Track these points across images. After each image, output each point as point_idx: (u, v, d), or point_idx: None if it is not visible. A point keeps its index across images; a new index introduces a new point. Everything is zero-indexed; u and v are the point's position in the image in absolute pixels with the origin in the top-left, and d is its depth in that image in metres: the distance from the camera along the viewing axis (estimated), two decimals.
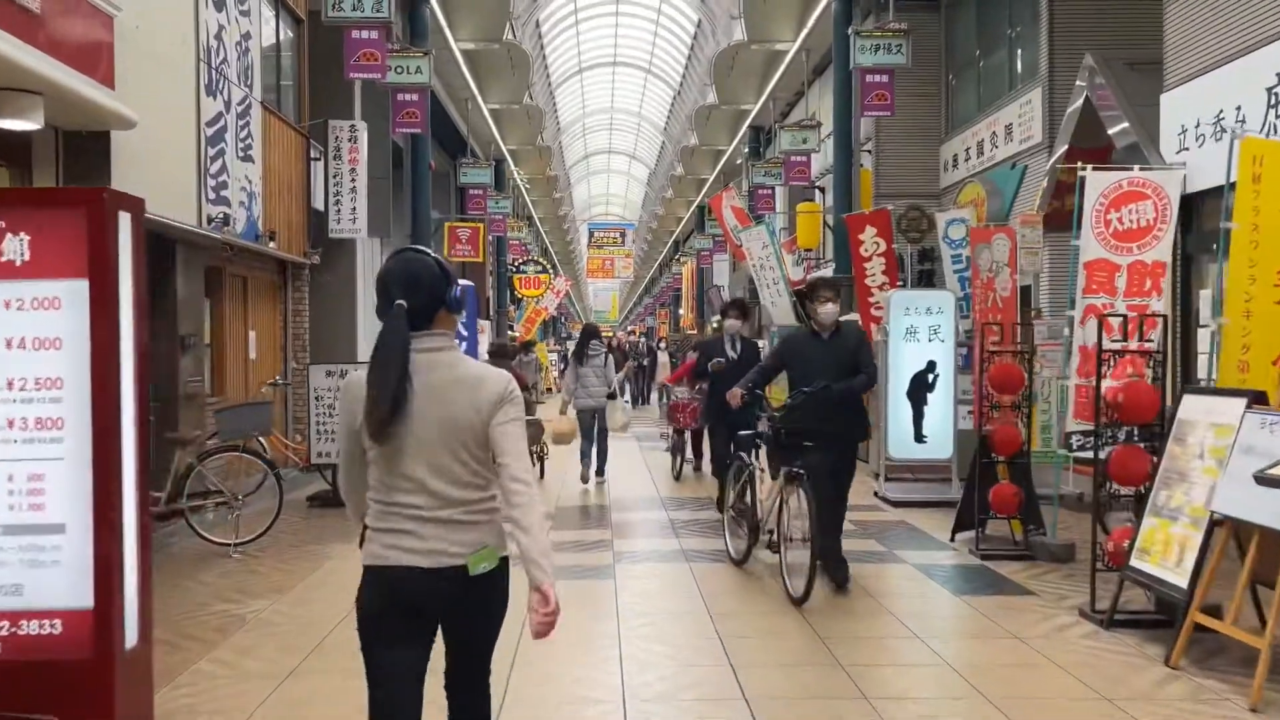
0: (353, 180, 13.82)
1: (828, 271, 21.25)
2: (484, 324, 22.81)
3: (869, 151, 18.57)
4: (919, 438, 10.32)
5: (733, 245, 23.67)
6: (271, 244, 11.84)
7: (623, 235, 49.67)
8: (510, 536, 2.84)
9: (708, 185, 36.91)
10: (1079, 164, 7.92)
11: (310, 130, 13.74)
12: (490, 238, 32.79)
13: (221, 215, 10.32)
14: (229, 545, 7.86)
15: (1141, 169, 7.73)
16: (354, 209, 13.82)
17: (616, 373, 12.57)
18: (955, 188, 16.64)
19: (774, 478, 6.92)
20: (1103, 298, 7.36)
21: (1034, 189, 13.76)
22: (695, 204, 41.58)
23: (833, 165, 21.69)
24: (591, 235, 49.86)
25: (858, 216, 13.92)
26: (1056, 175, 12.68)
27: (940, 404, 10.29)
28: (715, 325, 40.92)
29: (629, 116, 44.95)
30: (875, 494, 10.69)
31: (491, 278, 33.68)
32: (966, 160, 16.61)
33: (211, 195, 10.26)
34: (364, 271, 18.19)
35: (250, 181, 11.45)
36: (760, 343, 20.83)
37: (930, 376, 10.29)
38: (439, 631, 2.91)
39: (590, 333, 12.52)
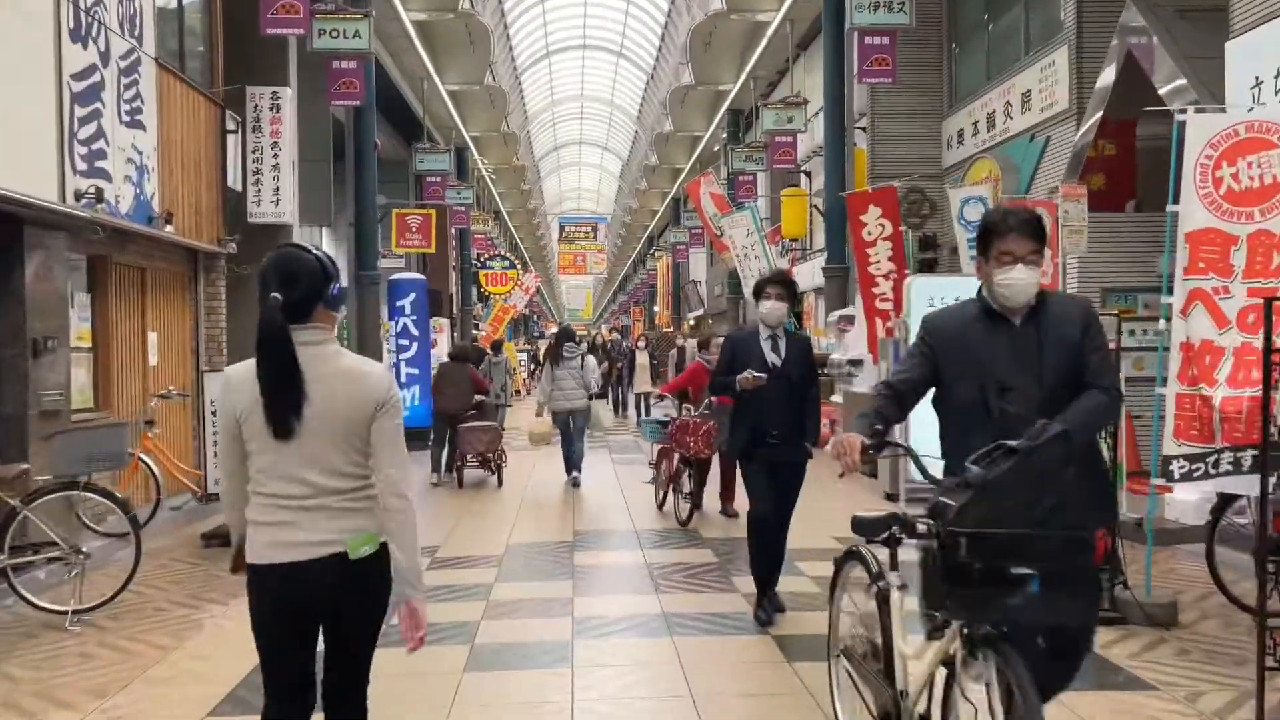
0: (275, 156, 11.91)
1: (818, 265, 19.49)
2: (441, 322, 20.89)
3: (863, 129, 16.82)
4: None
5: (712, 235, 21.88)
6: (168, 227, 9.92)
7: (595, 230, 47.80)
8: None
9: (684, 174, 35.11)
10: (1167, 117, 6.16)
11: (226, 99, 11.81)
12: (453, 230, 30.95)
13: (94, 190, 8.39)
14: (66, 613, 5.97)
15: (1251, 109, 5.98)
16: (277, 189, 11.91)
17: (598, 371, 12.54)
18: (962, 166, 14.92)
19: (932, 629, 3.16)
20: (1213, 279, 5.59)
21: (1059, 164, 12.04)
22: (670, 195, 39.80)
23: (822, 145, 19.96)
24: (562, 230, 47.95)
25: (859, 195, 12.15)
26: (1085, 148, 10.98)
27: None
28: (692, 323, 39.28)
29: (600, 105, 43.10)
30: None
31: (455, 273, 31.77)
32: (975, 135, 14.87)
33: (81, 165, 8.34)
34: None
35: (141, 153, 9.53)
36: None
37: None
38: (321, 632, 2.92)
39: (566, 334, 12.23)
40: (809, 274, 19.86)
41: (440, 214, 27.94)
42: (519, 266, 38.04)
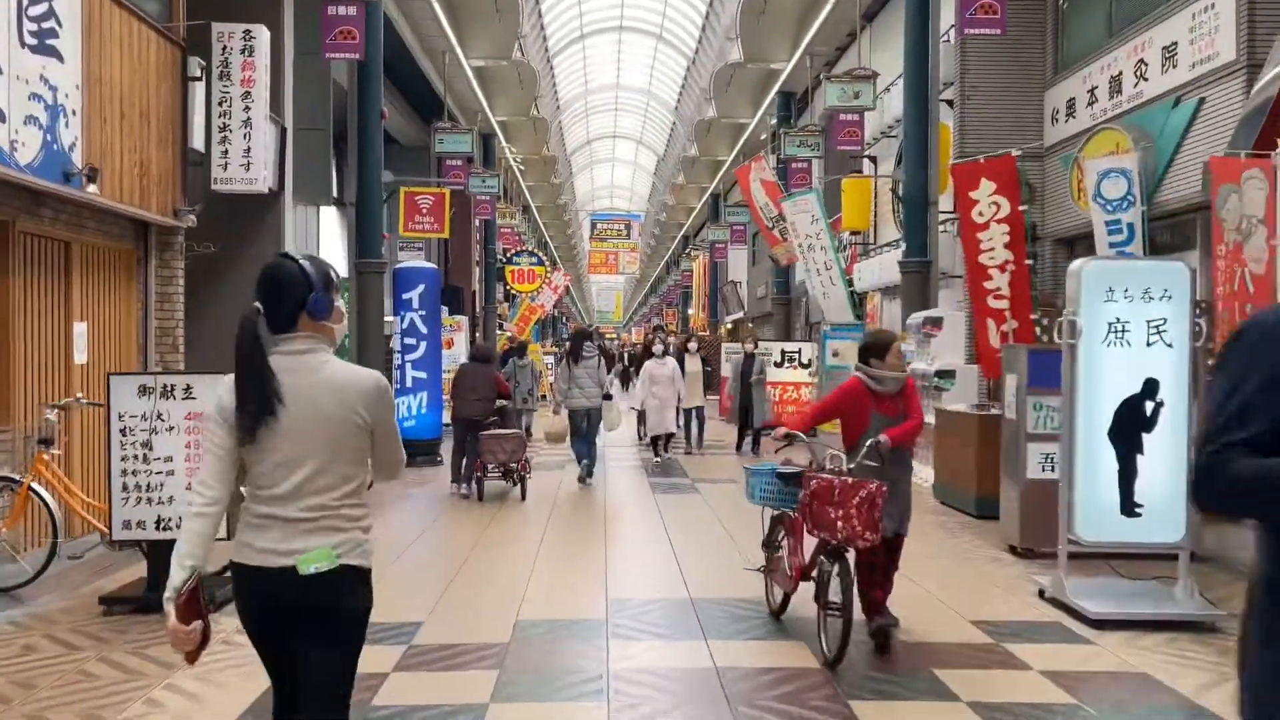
0: (247, 110, 9.71)
1: (885, 261, 17.06)
2: (458, 320, 18.67)
3: (948, 102, 14.41)
4: (1129, 507, 6.14)
5: (763, 227, 19.56)
6: (91, 187, 7.69)
7: (628, 227, 45.53)
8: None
9: (725, 167, 32.77)
10: None
11: (190, 38, 9.60)
12: (477, 222, 28.75)
13: None
14: None
15: None
16: (248, 151, 9.70)
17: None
18: (1073, 142, 12.47)
19: None
20: None
21: (1216, 129, 9.61)
22: (709, 191, 37.46)
23: (891, 125, 17.55)
24: (594, 227, 45.71)
25: (969, 167, 9.78)
26: (1269, 103, 8.53)
27: (1166, 451, 6.11)
28: (729, 327, 36.87)
29: (636, 94, 40.79)
30: (1044, 594, 6.54)
31: (479, 269, 29.58)
32: (1091, 104, 12.42)
33: None
34: (294, 248, 14.06)
35: (54, 89, 7.32)
36: (807, 347, 16.60)
37: (1149, 405, 6.12)
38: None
39: (584, 334, 12.60)
40: (873, 271, 17.43)
41: (456, 195, 25.90)
42: (547, 264, 35.85)
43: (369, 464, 2.88)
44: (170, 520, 6.24)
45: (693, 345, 15.13)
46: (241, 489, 2.82)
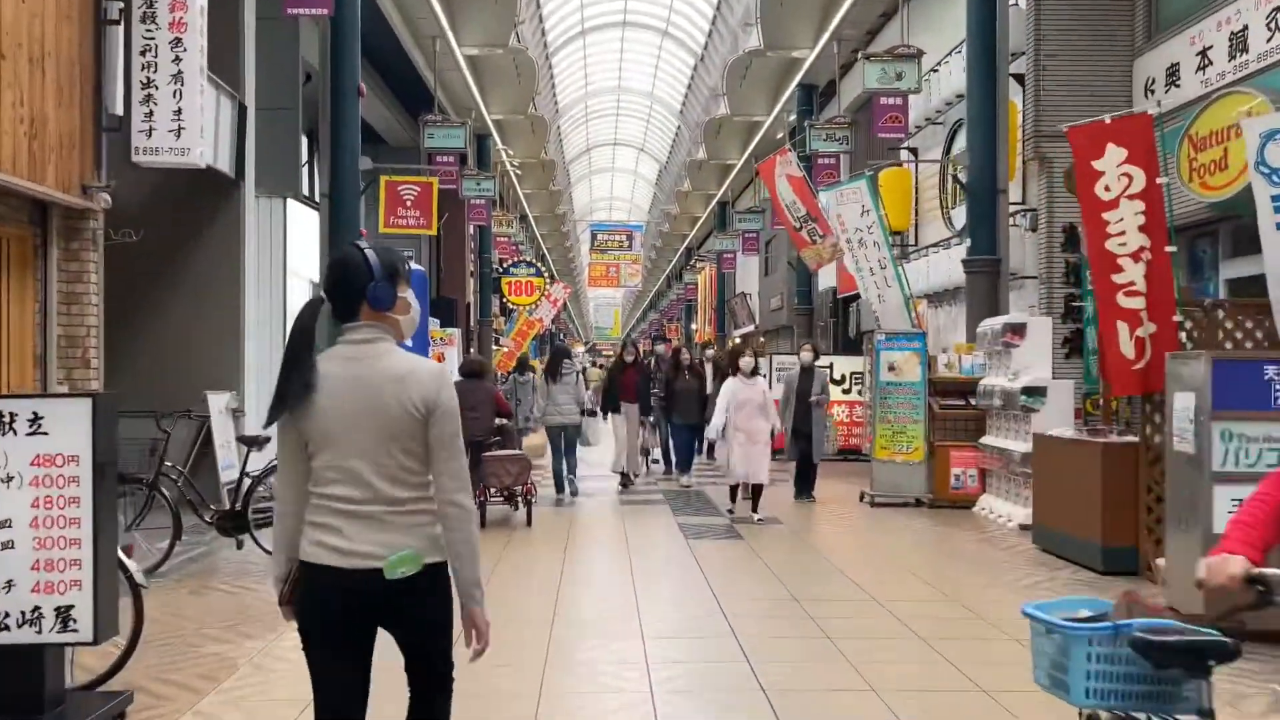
0: (177, 62, 7.68)
1: (933, 264, 15.06)
2: (450, 334, 16.61)
3: (1016, 77, 12.45)
4: None
5: (789, 228, 17.53)
6: None
7: (630, 238, 43.55)
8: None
9: (735, 171, 30.85)
10: None
11: None
12: (471, 229, 26.76)
13: None
14: None
15: None
16: (178, 114, 7.67)
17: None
18: (1179, 114, 10.48)
19: None
20: None
21: None
22: (716, 199, 35.51)
23: (937, 111, 15.58)
24: (594, 238, 43.74)
25: (1092, 129, 7.72)
26: None
27: None
28: (738, 340, 34.75)
29: (639, 98, 38.91)
30: None
31: (473, 279, 27.59)
32: (1202, 69, 10.44)
33: None
34: (257, 248, 12.06)
35: None
36: (842, 360, 14.48)
37: None
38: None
39: (562, 353, 12.84)
40: (918, 276, 15.38)
41: (448, 199, 23.91)
42: (546, 275, 33.84)
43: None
44: (10, 618, 4.18)
45: (708, 353, 13.21)
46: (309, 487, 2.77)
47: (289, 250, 12.37)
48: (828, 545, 9.08)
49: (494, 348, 28.72)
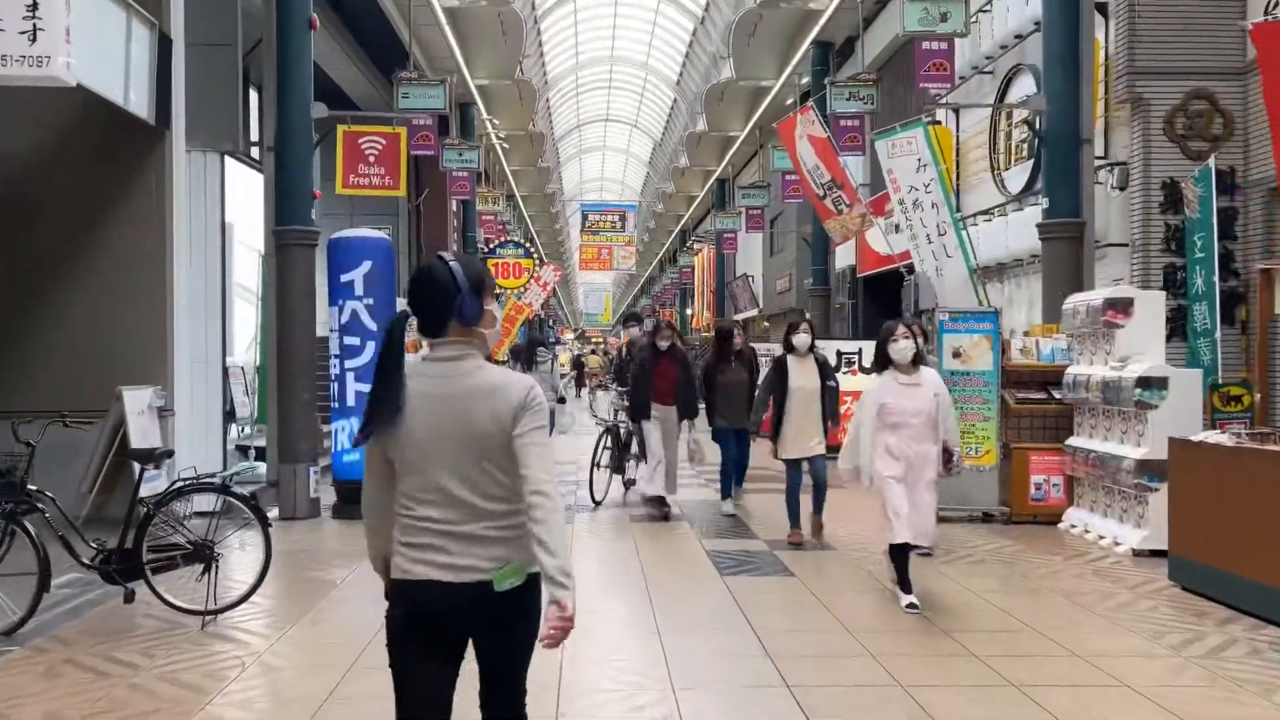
0: None
1: (983, 233, 13.11)
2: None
3: (1098, 7, 10.42)
4: None
5: (812, 196, 15.53)
6: None
7: (622, 218, 41.44)
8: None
9: (738, 143, 28.77)
10: None
11: None
12: (453, 205, 24.65)
13: None
14: None
15: None
16: (32, 7, 5.58)
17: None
18: None
19: None
20: None
21: None
22: (716, 175, 33.43)
23: (987, 58, 13.56)
24: (585, 218, 41.61)
25: None
26: None
27: None
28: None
29: (632, 70, 36.73)
30: None
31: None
32: None
33: None
34: (189, 212, 9.99)
35: None
36: (870, 346, 12.31)
37: None
38: (469, 648, 2.82)
39: (536, 342, 13.68)
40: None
41: (429, 169, 21.81)
42: (535, 257, 31.76)
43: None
44: None
45: (736, 335, 10.29)
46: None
47: (227, 212, 10.28)
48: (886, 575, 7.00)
49: None
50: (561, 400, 11.18)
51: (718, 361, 9.75)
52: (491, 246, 28.73)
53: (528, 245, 32.24)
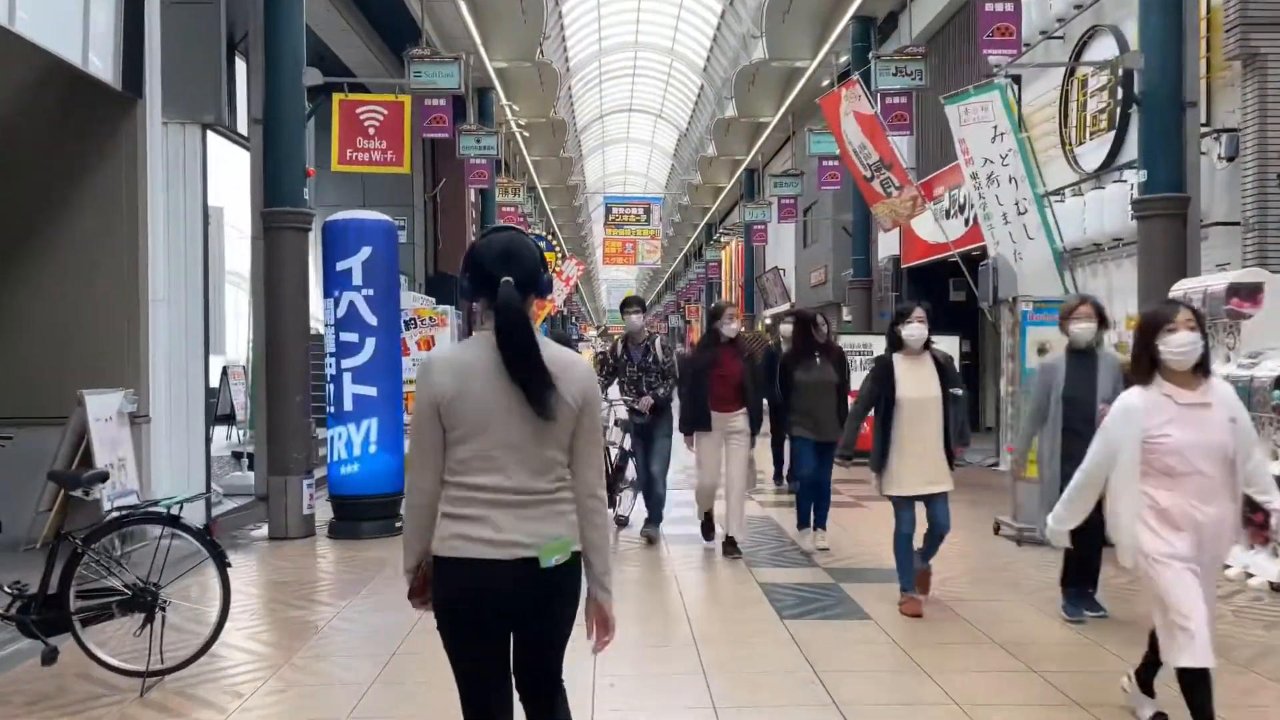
0: None
1: (1056, 215, 11.78)
2: (443, 312, 13.50)
3: None
4: None
5: (859, 177, 14.26)
6: None
7: (648, 211, 40.13)
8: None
9: (768, 131, 27.47)
10: None
11: None
12: (471, 195, 23.50)
13: None
14: None
15: None
16: None
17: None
18: None
19: None
20: None
21: None
22: (744, 165, 32.12)
23: (1059, 21, 12.23)
24: (609, 211, 40.36)
25: None
26: None
27: None
28: (768, 323, 31.42)
29: (657, 56, 35.47)
30: None
31: None
32: None
33: None
34: (166, 192, 8.85)
35: None
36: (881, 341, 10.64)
37: None
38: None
39: (562, 339, 12.22)
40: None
41: (445, 155, 20.68)
42: (558, 249, 30.61)
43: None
44: None
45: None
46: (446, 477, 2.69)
47: (212, 195, 9.14)
48: (1011, 634, 5.59)
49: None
50: None
51: (799, 356, 7.85)
52: None
53: (550, 238, 31.11)
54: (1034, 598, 6.35)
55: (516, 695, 2.78)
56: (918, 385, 5.88)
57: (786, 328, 9.56)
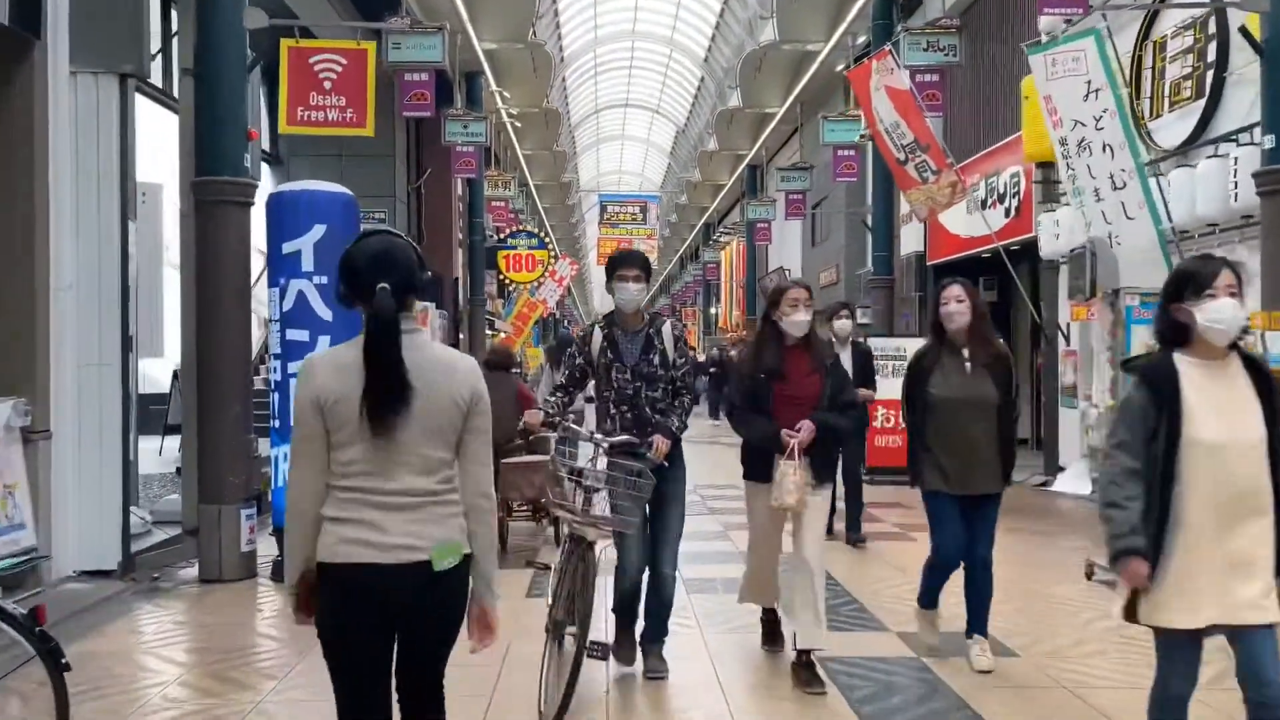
0: None
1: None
2: (424, 309, 11.89)
3: None
4: None
5: (890, 160, 12.73)
6: None
7: (644, 210, 38.62)
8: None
9: (774, 123, 25.97)
10: None
11: None
12: (458, 186, 21.92)
13: None
14: None
15: None
16: None
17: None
18: None
19: None
20: None
21: None
22: (747, 161, 30.62)
23: None
24: (604, 210, 38.85)
25: None
26: None
27: None
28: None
29: (656, 46, 33.95)
30: None
31: (461, 250, 22.77)
32: None
33: None
34: (76, 158, 7.25)
35: None
36: (913, 344, 8.62)
37: None
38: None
39: (566, 341, 12.31)
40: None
41: (430, 138, 19.11)
42: (550, 249, 29.05)
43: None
44: None
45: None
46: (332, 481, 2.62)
47: (133, 159, 7.49)
48: None
49: (488, 333, 23.97)
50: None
51: (939, 354, 5.00)
52: (502, 236, 26.06)
53: (542, 236, 29.58)
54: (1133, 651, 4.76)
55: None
56: (1221, 417, 3.08)
57: (842, 324, 7.98)
